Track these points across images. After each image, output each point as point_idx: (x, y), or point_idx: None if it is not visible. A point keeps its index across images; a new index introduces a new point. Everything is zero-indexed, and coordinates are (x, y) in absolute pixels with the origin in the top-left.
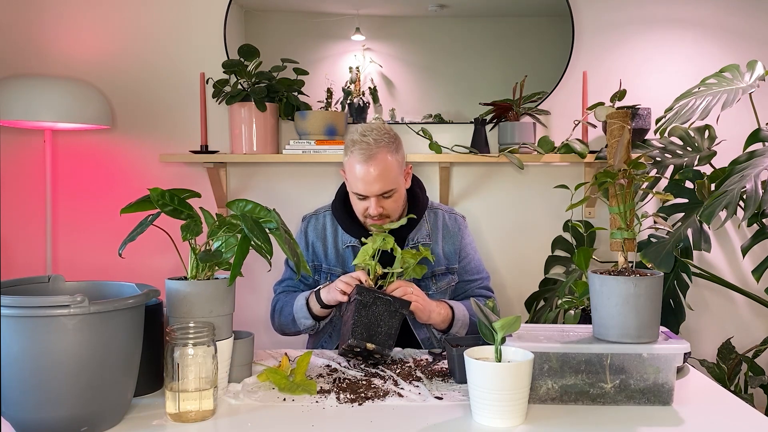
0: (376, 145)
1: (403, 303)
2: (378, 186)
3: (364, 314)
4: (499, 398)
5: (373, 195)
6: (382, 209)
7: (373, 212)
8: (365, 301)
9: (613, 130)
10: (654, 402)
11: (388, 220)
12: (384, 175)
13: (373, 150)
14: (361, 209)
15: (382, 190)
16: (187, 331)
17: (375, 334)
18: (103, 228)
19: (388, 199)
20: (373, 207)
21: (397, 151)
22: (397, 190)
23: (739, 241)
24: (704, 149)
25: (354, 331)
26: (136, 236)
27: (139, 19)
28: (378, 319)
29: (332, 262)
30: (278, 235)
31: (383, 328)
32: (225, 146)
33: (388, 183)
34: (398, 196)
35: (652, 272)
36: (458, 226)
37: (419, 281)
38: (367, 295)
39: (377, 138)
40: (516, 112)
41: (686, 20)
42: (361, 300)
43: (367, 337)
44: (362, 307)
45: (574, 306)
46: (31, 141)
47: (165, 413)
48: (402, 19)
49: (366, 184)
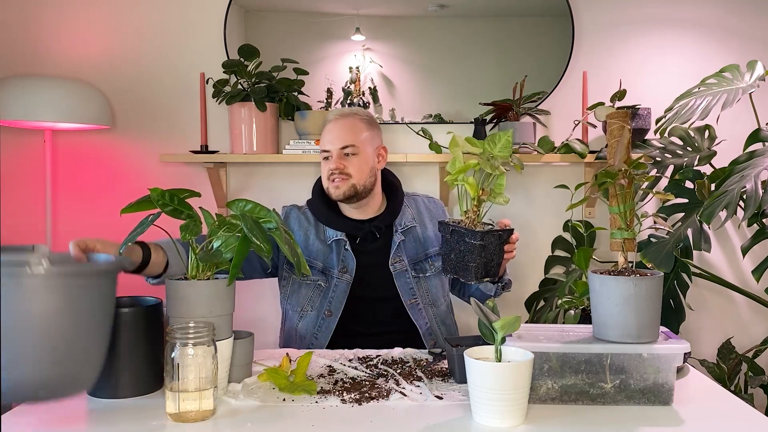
0: (353, 112)
1: (509, 232)
2: (341, 138)
3: (483, 254)
4: (499, 398)
5: (335, 148)
6: (343, 166)
7: (333, 166)
8: (485, 244)
9: (613, 130)
10: (654, 402)
11: (349, 183)
12: (349, 130)
13: (347, 114)
14: (327, 172)
15: (345, 142)
16: (187, 331)
17: (489, 269)
18: (103, 228)
19: (350, 157)
20: (334, 160)
21: (370, 124)
22: (361, 152)
23: (739, 241)
24: (704, 149)
25: (476, 272)
26: (136, 236)
27: (139, 19)
28: (492, 253)
29: (313, 254)
30: (278, 235)
31: (495, 260)
32: (225, 146)
33: (351, 138)
34: (362, 160)
35: (652, 272)
36: (440, 208)
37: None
38: (487, 238)
39: (356, 110)
40: (516, 112)
41: (686, 20)
42: (483, 244)
43: (484, 274)
44: (482, 249)
45: (574, 306)
46: (31, 141)
47: (165, 413)
48: (402, 19)
49: (331, 135)
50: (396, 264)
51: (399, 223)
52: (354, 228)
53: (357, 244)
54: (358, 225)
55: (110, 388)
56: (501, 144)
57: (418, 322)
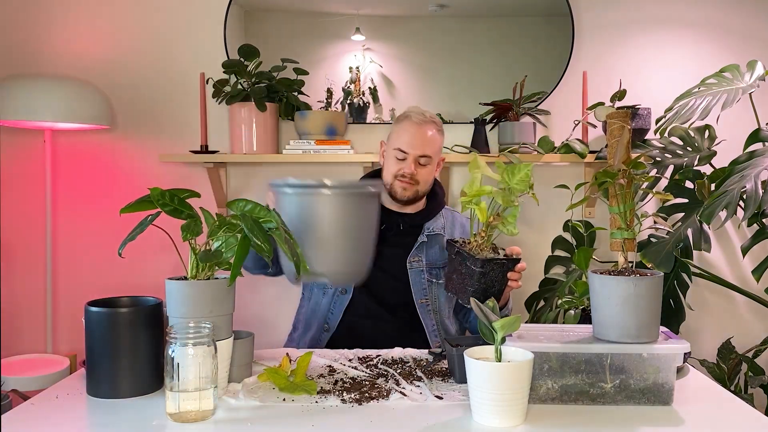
0: (431, 119)
1: (514, 261)
2: (421, 146)
3: (483, 281)
4: (499, 398)
5: (413, 154)
6: (415, 172)
7: (407, 171)
8: (486, 271)
9: (613, 130)
10: (654, 402)
11: (415, 189)
12: (429, 141)
13: (428, 120)
14: (395, 170)
15: (423, 152)
16: (187, 331)
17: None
18: (103, 228)
19: (423, 166)
20: (409, 164)
21: (442, 135)
22: (432, 163)
23: (739, 241)
24: (704, 149)
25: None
26: (136, 236)
27: (139, 19)
28: (493, 281)
29: None
30: (278, 234)
31: (496, 288)
32: (225, 146)
33: (429, 149)
34: (430, 171)
35: (652, 272)
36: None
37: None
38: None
39: (432, 117)
40: (516, 112)
41: (686, 20)
42: (483, 271)
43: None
44: (482, 276)
45: (574, 306)
46: (31, 141)
47: (165, 413)
48: (402, 19)
49: (412, 140)
50: (414, 262)
51: (428, 227)
52: (385, 216)
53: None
54: (388, 213)
55: (110, 388)
56: (519, 177)
57: (425, 321)
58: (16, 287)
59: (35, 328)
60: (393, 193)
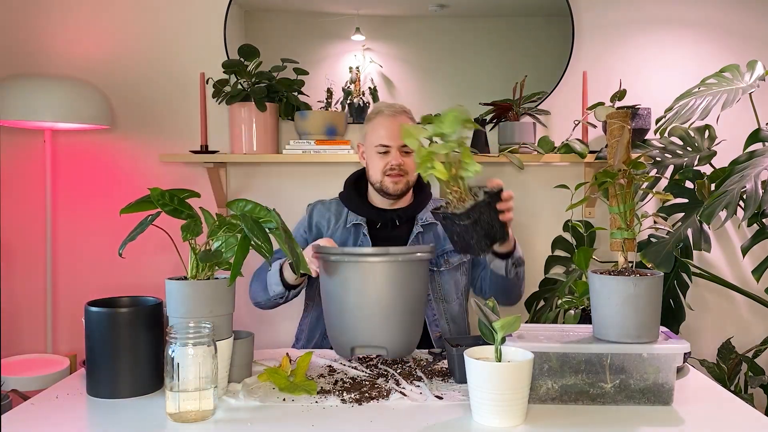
0: (402, 109)
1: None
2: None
3: (478, 228)
4: (499, 398)
5: (396, 145)
6: (402, 162)
7: (394, 162)
8: (475, 218)
9: (613, 130)
10: (654, 402)
11: (405, 180)
12: None
13: (399, 111)
14: (382, 166)
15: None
16: (187, 331)
17: (492, 236)
18: (103, 228)
19: (407, 155)
20: (395, 156)
21: (414, 122)
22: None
23: (739, 241)
24: (704, 149)
25: (479, 246)
26: (136, 236)
27: (139, 19)
28: (488, 223)
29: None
30: (278, 234)
31: (495, 226)
32: (225, 146)
33: None
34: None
35: (652, 272)
36: None
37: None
38: (474, 213)
39: (402, 106)
40: (516, 112)
41: (686, 20)
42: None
43: (489, 243)
44: (475, 224)
45: (574, 306)
46: (31, 141)
47: (165, 413)
48: (402, 19)
49: (391, 132)
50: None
51: (421, 217)
52: (376, 215)
53: (377, 229)
54: (380, 212)
55: (110, 388)
56: (448, 120)
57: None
58: (16, 287)
59: (35, 328)
60: (385, 190)
